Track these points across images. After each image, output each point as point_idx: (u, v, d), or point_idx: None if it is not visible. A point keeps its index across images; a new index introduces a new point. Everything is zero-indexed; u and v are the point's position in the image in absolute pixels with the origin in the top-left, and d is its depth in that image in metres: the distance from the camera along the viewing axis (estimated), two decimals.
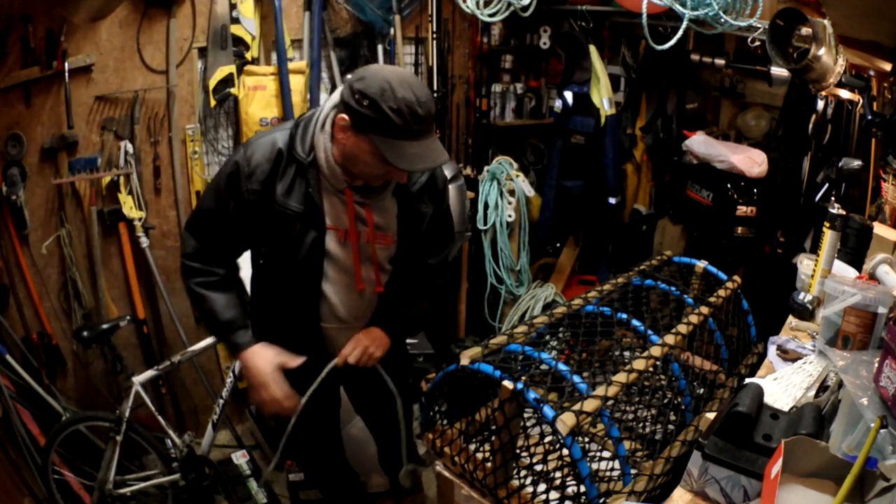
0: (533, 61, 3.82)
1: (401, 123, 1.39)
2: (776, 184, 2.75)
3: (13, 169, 2.39)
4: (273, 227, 1.61)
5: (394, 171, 1.50)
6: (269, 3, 2.79)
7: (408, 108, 1.39)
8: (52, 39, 2.36)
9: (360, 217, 1.63)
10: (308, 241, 1.61)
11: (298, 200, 1.58)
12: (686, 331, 1.64)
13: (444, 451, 1.55)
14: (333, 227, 1.62)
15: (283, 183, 1.57)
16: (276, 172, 1.57)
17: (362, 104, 1.41)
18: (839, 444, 1.08)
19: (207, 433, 2.50)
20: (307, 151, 1.56)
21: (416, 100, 1.40)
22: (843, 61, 2.20)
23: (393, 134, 1.41)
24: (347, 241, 1.63)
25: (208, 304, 1.67)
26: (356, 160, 1.50)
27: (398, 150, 1.41)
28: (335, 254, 1.65)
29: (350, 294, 1.71)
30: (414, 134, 1.42)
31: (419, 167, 1.48)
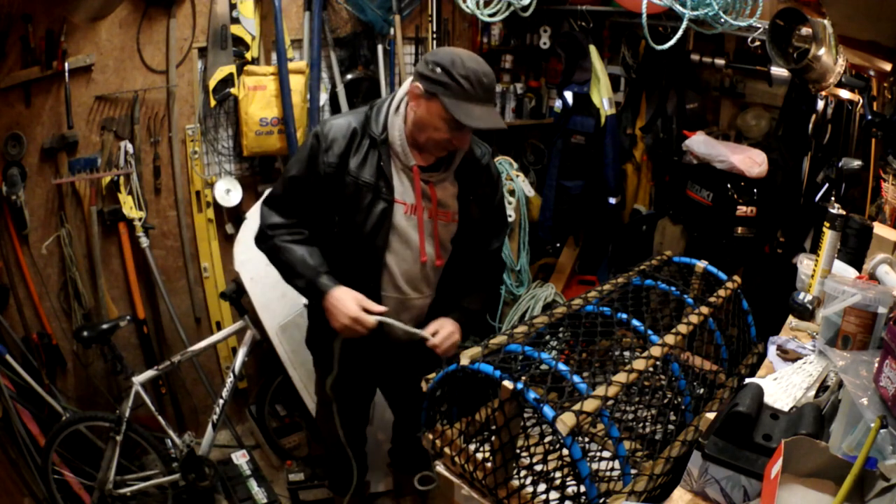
0: (533, 61, 3.82)
1: (468, 87, 1.59)
2: (776, 184, 2.75)
3: (13, 169, 2.39)
4: (346, 198, 1.73)
5: (457, 137, 1.66)
6: (269, 3, 2.79)
7: (475, 76, 1.60)
8: (52, 39, 2.36)
9: (426, 194, 1.78)
10: (377, 211, 1.73)
11: (370, 173, 1.73)
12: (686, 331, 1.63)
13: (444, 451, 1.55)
14: (401, 201, 1.77)
15: (356, 157, 1.72)
16: (350, 147, 1.73)
17: (435, 71, 1.61)
18: (839, 444, 1.08)
19: (207, 433, 2.50)
20: (381, 129, 1.73)
21: (483, 71, 1.63)
22: (843, 61, 2.20)
23: (461, 96, 1.60)
24: (413, 215, 1.78)
25: (295, 254, 1.77)
26: (426, 126, 1.67)
27: (465, 110, 1.59)
28: (401, 226, 1.78)
29: (411, 266, 1.83)
30: (479, 98, 1.61)
31: (482, 125, 1.62)
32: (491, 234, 1.98)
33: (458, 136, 1.67)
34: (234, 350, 3.03)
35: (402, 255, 1.82)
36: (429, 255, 1.83)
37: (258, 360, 3.13)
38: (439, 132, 1.66)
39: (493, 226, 1.98)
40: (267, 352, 2.78)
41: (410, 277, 1.86)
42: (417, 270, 1.85)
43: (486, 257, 1.99)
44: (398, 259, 1.82)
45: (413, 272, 1.85)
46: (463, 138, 1.69)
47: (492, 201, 1.93)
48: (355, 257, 1.81)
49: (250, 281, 2.60)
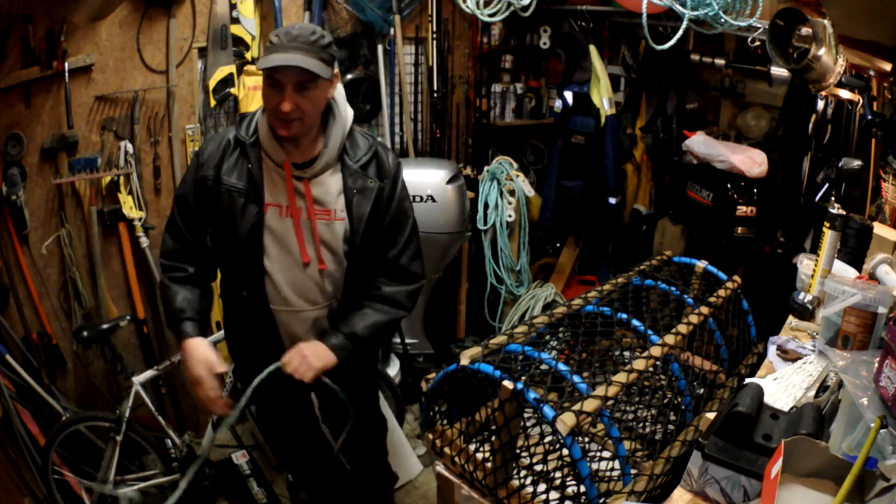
0: (533, 61, 3.82)
1: (276, 41, 1.56)
2: (776, 184, 2.75)
3: (13, 169, 2.39)
4: (222, 208, 1.70)
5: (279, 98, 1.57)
6: (269, 3, 2.80)
7: (284, 32, 1.57)
8: (52, 39, 2.36)
9: (300, 192, 1.69)
10: (249, 216, 1.68)
11: (239, 177, 1.68)
12: (686, 331, 1.64)
13: (444, 451, 1.55)
14: (274, 203, 1.70)
15: (227, 164, 1.70)
16: (223, 157, 1.70)
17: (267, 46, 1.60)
18: (839, 444, 1.08)
19: (207, 433, 2.50)
20: (251, 133, 1.70)
21: (299, 27, 1.59)
22: (843, 61, 2.20)
23: (269, 50, 1.57)
24: (288, 216, 1.70)
25: (169, 293, 1.75)
26: (263, 101, 1.64)
27: (266, 59, 1.55)
28: (276, 230, 1.70)
29: (295, 273, 1.73)
30: (283, 47, 1.55)
31: (274, 64, 1.54)
32: (385, 241, 1.78)
33: (280, 97, 1.56)
34: None
35: (283, 262, 1.72)
36: (312, 259, 1.71)
37: None
38: (267, 99, 1.61)
39: (387, 230, 1.77)
40: None
41: (296, 286, 1.74)
42: (303, 277, 1.74)
43: (385, 270, 1.79)
44: (280, 266, 1.72)
45: (298, 279, 1.74)
46: (283, 98, 1.56)
47: (382, 198, 1.74)
48: (238, 270, 1.77)
49: None
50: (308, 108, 1.60)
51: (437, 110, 3.46)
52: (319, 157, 1.70)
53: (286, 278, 1.74)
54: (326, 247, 1.73)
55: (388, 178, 1.76)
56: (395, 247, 1.79)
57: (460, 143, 3.67)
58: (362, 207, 1.72)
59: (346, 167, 1.72)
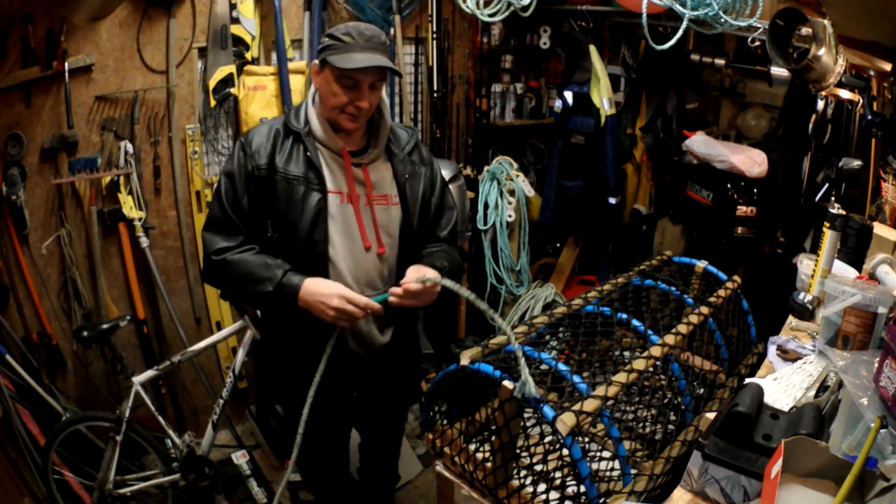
0: (533, 61, 3.82)
1: (349, 40, 1.60)
2: (776, 184, 2.75)
3: (13, 169, 2.39)
4: (280, 197, 1.68)
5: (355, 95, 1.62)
6: (269, 3, 2.79)
7: (354, 29, 1.61)
8: (52, 39, 2.36)
9: (358, 179, 1.73)
10: (312, 204, 1.67)
11: (299, 166, 1.68)
12: (686, 331, 1.64)
13: (444, 451, 1.55)
14: (335, 190, 1.71)
15: (282, 154, 1.68)
16: (275, 147, 1.69)
17: (324, 41, 1.64)
18: (839, 444, 1.08)
19: (207, 433, 2.50)
20: (303, 123, 1.71)
21: (364, 25, 1.64)
22: (843, 61, 2.20)
23: (343, 50, 1.60)
24: (349, 203, 1.72)
25: (252, 262, 1.66)
26: (326, 95, 1.65)
27: (346, 58, 1.59)
28: (338, 217, 1.71)
29: (356, 258, 1.74)
30: (360, 47, 1.60)
31: (364, 65, 1.59)
32: (436, 219, 1.89)
33: (356, 94, 1.63)
34: (234, 350, 3.03)
35: (345, 248, 1.73)
36: (372, 244, 1.75)
37: (258, 360, 3.13)
38: (337, 96, 1.63)
39: (436, 210, 1.89)
40: None
41: (359, 272, 1.75)
42: (365, 262, 1.76)
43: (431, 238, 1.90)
44: (342, 253, 1.73)
45: (361, 265, 1.75)
46: (360, 95, 1.63)
47: (429, 183, 1.86)
48: (299, 260, 1.71)
49: None
50: (375, 104, 1.69)
51: (437, 110, 3.46)
52: (373, 145, 1.76)
53: (348, 265, 1.74)
54: (385, 231, 1.78)
55: (428, 164, 1.87)
56: (446, 227, 1.91)
57: (460, 143, 3.67)
58: (416, 191, 1.81)
59: (393, 155, 1.80)
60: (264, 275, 1.64)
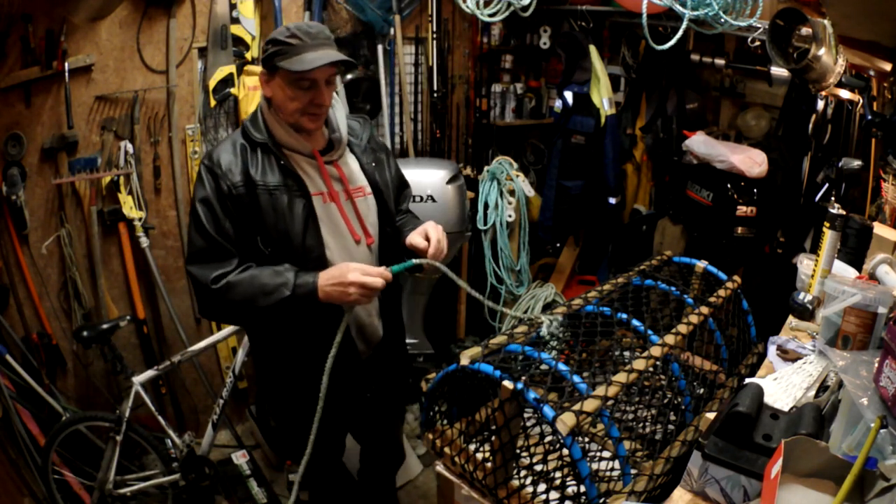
0: (533, 61, 3.82)
1: (296, 42, 1.58)
2: (776, 184, 2.75)
3: (13, 169, 2.39)
4: (265, 210, 1.65)
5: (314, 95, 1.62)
6: (269, 3, 2.80)
7: (298, 30, 1.60)
8: (52, 39, 2.36)
9: (334, 176, 1.75)
10: (299, 210, 1.66)
11: (276, 175, 1.66)
12: (686, 331, 1.63)
13: (444, 451, 1.55)
14: (316, 192, 1.71)
15: (255, 167, 1.66)
16: (246, 162, 1.65)
17: (267, 49, 1.62)
18: (839, 444, 1.08)
19: (207, 433, 2.50)
20: (265, 134, 1.68)
21: (307, 24, 1.62)
22: (843, 61, 2.20)
23: (293, 52, 1.58)
24: (331, 201, 1.73)
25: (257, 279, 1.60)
26: (284, 102, 1.64)
27: (300, 61, 1.57)
28: (325, 217, 1.72)
29: (350, 253, 1.75)
30: (310, 46, 1.59)
31: (319, 63, 1.58)
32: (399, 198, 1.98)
33: (314, 94, 1.63)
34: (234, 350, 3.03)
35: (338, 246, 1.73)
36: (360, 236, 1.77)
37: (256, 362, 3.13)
38: (296, 99, 1.62)
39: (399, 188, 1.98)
40: None
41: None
42: (358, 256, 1.76)
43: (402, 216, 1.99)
44: (337, 252, 1.73)
45: (355, 260, 1.73)
46: (318, 93, 1.63)
47: (393, 168, 1.94)
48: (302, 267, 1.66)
49: None
50: (331, 97, 1.70)
51: (437, 110, 3.46)
52: (337, 141, 1.78)
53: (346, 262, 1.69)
54: (368, 222, 1.81)
55: (384, 150, 1.93)
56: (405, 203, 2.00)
57: (460, 143, 3.67)
58: (385, 178, 1.87)
59: (354, 147, 1.83)
60: (277, 282, 1.58)
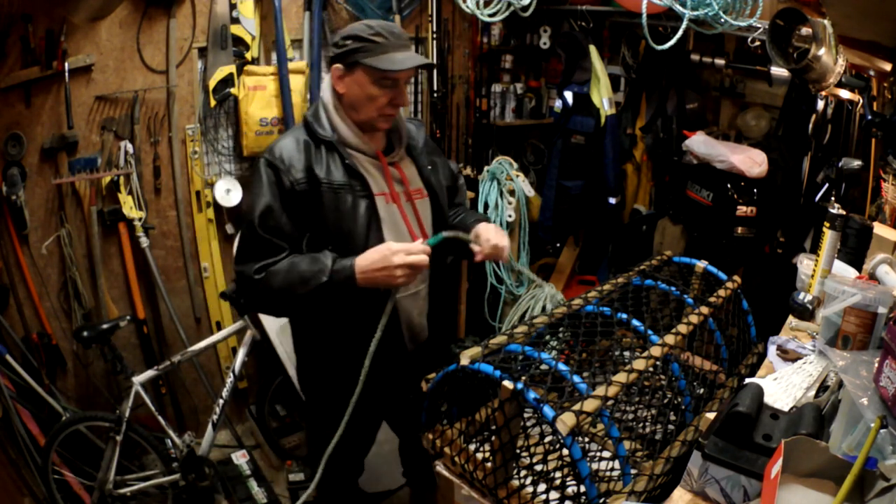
0: (533, 61, 3.82)
1: (383, 40, 1.58)
2: (776, 184, 2.75)
3: (13, 169, 2.39)
4: (327, 208, 1.65)
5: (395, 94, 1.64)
6: (269, 3, 2.79)
7: (384, 28, 1.60)
8: (52, 39, 2.36)
9: (395, 177, 1.77)
10: (362, 210, 1.67)
11: (340, 174, 1.66)
12: (686, 331, 1.63)
13: (444, 451, 1.55)
14: (379, 192, 1.72)
15: (320, 165, 1.65)
16: (310, 158, 1.65)
17: (346, 44, 1.60)
18: (839, 444, 1.08)
19: (207, 433, 2.50)
20: (330, 131, 1.68)
21: (389, 24, 1.63)
22: (843, 61, 2.20)
23: (379, 51, 1.58)
24: (393, 202, 1.74)
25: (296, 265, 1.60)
26: (361, 100, 1.64)
27: (390, 59, 1.58)
28: (387, 218, 1.73)
29: None
30: (396, 46, 1.61)
31: (410, 65, 1.61)
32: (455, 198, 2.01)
33: (395, 93, 1.65)
34: (234, 350, 3.03)
35: None
36: (419, 236, 1.77)
37: (258, 360, 3.13)
38: (376, 98, 1.63)
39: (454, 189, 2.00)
40: (267, 352, 2.78)
41: None
42: None
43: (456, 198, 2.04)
44: None
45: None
46: (399, 93, 1.66)
47: (448, 171, 1.95)
48: None
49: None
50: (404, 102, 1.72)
51: (437, 110, 3.46)
52: (399, 143, 1.80)
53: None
54: (426, 223, 1.82)
55: (439, 153, 1.95)
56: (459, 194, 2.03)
57: (460, 143, 3.67)
58: (440, 181, 1.87)
59: (412, 149, 1.84)
60: (314, 269, 1.57)
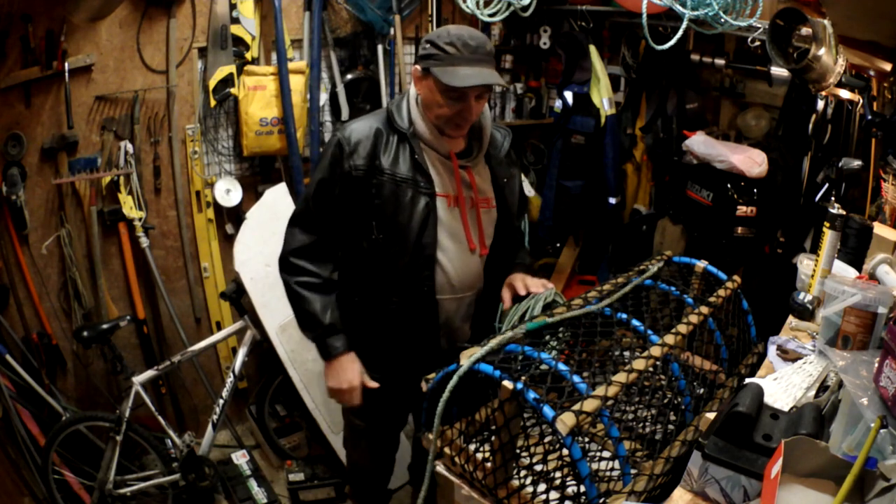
0: (533, 61, 3.82)
1: (453, 51, 1.56)
2: (776, 184, 2.75)
3: (13, 169, 2.40)
4: (384, 199, 1.65)
5: (462, 107, 1.61)
6: (269, 3, 2.79)
7: (458, 39, 1.57)
8: (52, 39, 2.36)
9: (465, 182, 1.74)
10: (420, 207, 1.66)
11: (406, 167, 1.66)
12: (686, 331, 1.63)
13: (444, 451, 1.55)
14: (442, 193, 1.70)
15: (387, 154, 1.65)
16: (378, 146, 1.66)
17: (426, 47, 1.61)
18: (839, 444, 1.08)
19: (207, 433, 2.50)
20: (407, 123, 1.68)
21: (469, 35, 1.59)
22: (843, 61, 2.20)
23: (447, 62, 1.57)
24: (455, 206, 1.72)
25: (310, 306, 1.72)
26: (431, 105, 1.64)
27: (453, 73, 1.56)
28: (446, 220, 1.71)
29: (461, 260, 1.76)
30: (466, 60, 1.57)
31: (471, 83, 1.57)
32: (519, 216, 1.98)
33: (463, 106, 1.62)
34: (234, 350, 3.03)
35: (452, 251, 1.74)
36: (476, 245, 1.77)
37: (258, 360, 3.13)
38: (442, 107, 1.62)
39: (520, 207, 1.96)
40: (267, 352, 2.78)
41: (463, 274, 1.78)
42: (470, 263, 1.78)
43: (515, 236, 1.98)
44: (449, 255, 1.74)
45: (466, 267, 1.78)
46: (466, 107, 1.62)
47: (518, 183, 1.92)
48: (404, 262, 1.71)
49: (250, 281, 2.60)
50: (479, 112, 1.69)
51: None
52: (476, 148, 1.77)
53: (455, 267, 1.75)
54: (487, 233, 1.81)
55: (517, 165, 1.93)
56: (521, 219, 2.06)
57: None
58: (512, 195, 1.84)
59: (491, 158, 1.81)
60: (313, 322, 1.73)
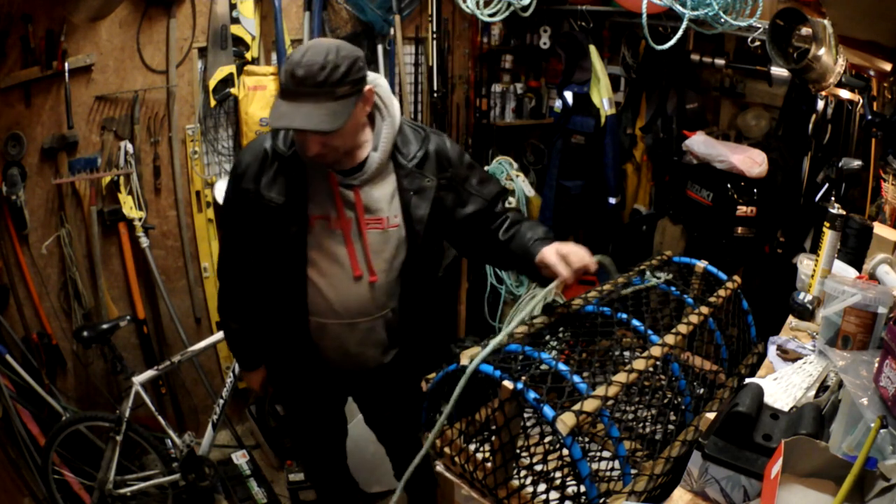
0: (533, 61, 3.82)
1: (284, 82, 1.41)
2: (776, 184, 2.75)
3: (13, 169, 2.39)
4: (261, 219, 1.61)
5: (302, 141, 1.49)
6: (269, 3, 2.79)
7: (291, 66, 1.39)
8: (52, 39, 2.36)
9: (348, 201, 1.58)
10: (289, 233, 1.59)
11: (280, 192, 1.58)
12: (686, 331, 1.63)
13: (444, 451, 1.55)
14: (321, 215, 1.59)
15: (266, 177, 1.59)
16: (262, 169, 1.59)
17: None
18: (839, 444, 1.08)
19: (207, 433, 2.50)
20: (288, 145, 1.58)
21: (306, 60, 1.38)
22: (843, 61, 2.20)
23: (279, 93, 1.45)
24: (338, 228, 1.59)
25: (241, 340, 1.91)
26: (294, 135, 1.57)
27: (275, 108, 1.43)
28: (324, 243, 1.60)
29: (346, 286, 1.63)
30: (290, 94, 1.40)
31: (280, 125, 1.45)
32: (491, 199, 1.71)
33: (301, 138, 1.49)
34: None
35: (334, 275, 1.63)
36: (363, 271, 1.62)
37: None
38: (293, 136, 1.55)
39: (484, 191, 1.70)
40: None
41: (349, 300, 1.65)
42: (357, 290, 1.64)
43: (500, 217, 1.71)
44: (331, 280, 1.63)
45: (351, 293, 1.64)
46: (302, 146, 1.50)
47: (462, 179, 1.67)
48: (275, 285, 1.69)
49: None
50: (339, 144, 1.50)
51: (437, 110, 3.46)
52: (369, 162, 1.58)
53: (338, 293, 1.64)
54: (379, 258, 1.63)
55: (453, 165, 1.66)
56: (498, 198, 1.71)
57: (460, 144, 3.67)
58: (421, 210, 1.61)
59: (399, 167, 1.60)
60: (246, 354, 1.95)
